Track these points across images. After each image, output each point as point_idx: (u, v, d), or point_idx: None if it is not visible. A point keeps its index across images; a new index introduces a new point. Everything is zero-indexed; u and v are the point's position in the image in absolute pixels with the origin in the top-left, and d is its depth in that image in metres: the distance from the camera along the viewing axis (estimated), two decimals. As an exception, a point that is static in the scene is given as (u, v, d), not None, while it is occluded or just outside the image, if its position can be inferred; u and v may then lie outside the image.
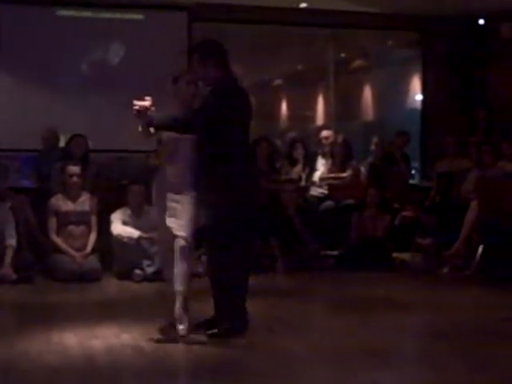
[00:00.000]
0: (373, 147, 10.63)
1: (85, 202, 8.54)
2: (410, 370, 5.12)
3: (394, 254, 9.26)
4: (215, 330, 5.45)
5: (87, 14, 11.04)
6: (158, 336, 5.45)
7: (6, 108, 10.65)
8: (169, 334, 5.43)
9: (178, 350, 5.34)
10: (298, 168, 10.06)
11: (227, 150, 5.44)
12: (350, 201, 9.63)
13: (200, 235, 5.63)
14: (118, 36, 11.24)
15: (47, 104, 10.60)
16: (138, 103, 5.39)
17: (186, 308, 5.46)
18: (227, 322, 5.44)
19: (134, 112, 5.40)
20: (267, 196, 8.88)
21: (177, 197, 5.47)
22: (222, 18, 11.03)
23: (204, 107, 5.49)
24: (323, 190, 9.89)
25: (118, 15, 11.17)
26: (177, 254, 5.47)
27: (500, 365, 5.05)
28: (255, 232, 6.02)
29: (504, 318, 6.34)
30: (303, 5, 11.22)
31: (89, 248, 8.38)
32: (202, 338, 5.39)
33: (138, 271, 8.14)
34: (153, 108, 5.41)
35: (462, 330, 6.06)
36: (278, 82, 14.47)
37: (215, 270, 5.60)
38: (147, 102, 5.40)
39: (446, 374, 4.84)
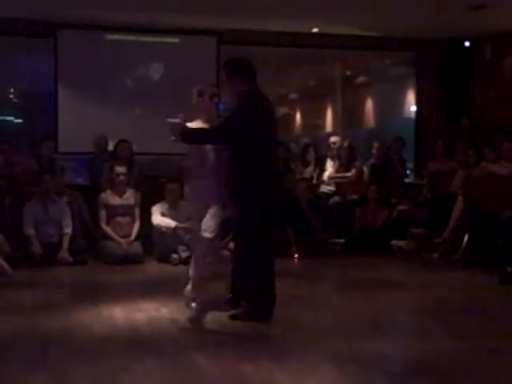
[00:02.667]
0: (374, 151, 10.59)
1: (130, 197, 8.57)
2: (403, 340, 5.13)
3: (392, 242, 9.21)
4: (236, 312, 5.36)
5: (132, 37, 11.06)
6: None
7: (64, 118, 10.73)
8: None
9: (206, 321, 5.34)
10: (310, 168, 10.06)
11: (254, 155, 5.26)
12: (354, 196, 9.60)
13: (229, 226, 5.57)
14: (157, 56, 11.27)
15: (98, 114, 10.63)
16: (171, 121, 5.31)
17: (198, 292, 5.37)
18: (249, 305, 5.31)
19: (169, 128, 5.32)
20: (284, 192, 8.86)
21: (206, 207, 5.35)
22: (246, 42, 11.01)
23: (235, 117, 5.33)
24: (331, 188, 9.88)
25: (157, 39, 11.17)
26: (197, 245, 5.48)
27: (479, 336, 5.06)
28: (276, 224, 5.83)
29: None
30: (315, 30, 11.20)
31: (133, 236, 8.40)
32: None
33: (174, 255, 8.15)
34: (186, 124, 5.33)
35: (450, 307, 6.07)
36: (293, 95, 14.48)
37: (243, 259, 5.44)
38: (179, 120, 5.33)
39: (433, 343, 4.85)
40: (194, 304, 5.36)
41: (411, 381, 4.14)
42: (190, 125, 5.45)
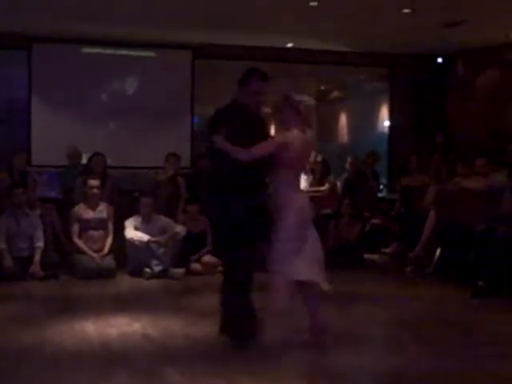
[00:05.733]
0: (347, 165, 10.64)
1: (103, 211, 8.52)
2: (375, 352, 5.12)
3: (365, 256, 9.24)
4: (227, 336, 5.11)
5: (108, 51, 11.05)
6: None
7: (37, 130, 10.67)
8: None
9: (179, 335, 5.32)
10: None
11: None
12: (328, 210, 9.62)
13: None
14: (133, 70, 11.27)
15: (73, 127, 10.61)
16: None
17: None
18: (236, 326, 5.06)
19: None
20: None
21: None
22: (220, 56, 11.04)
23: None
24: (305, 202, 9.87)
25: (133, 52, 11.19)
26: None
27: (451, 348, 5.07)
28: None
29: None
30: (289, 45, 11.26)
31: (106, 249, 8.34)
32: None
33: (147, 270, 8.11)
34: None
35: (423, 320, 6.08)
36: (266, 110, 14.47)
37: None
38: None
39: (406, 356, 4.87)
40: None
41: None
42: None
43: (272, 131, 5.38)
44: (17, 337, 5.28)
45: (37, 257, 8.00)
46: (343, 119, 14.25)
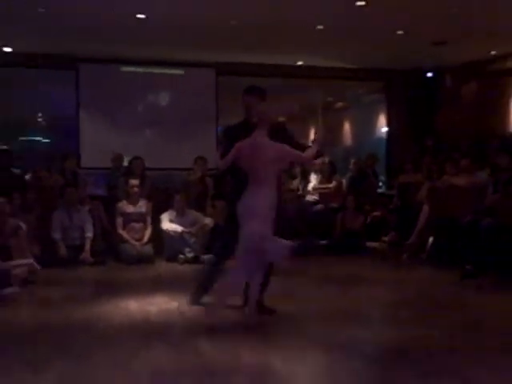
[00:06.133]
0: (351, 165, 10.61)
1: (142, 206, 8.52)
2: (376, 329, 5.08)
3: (367, 243, 9.20)
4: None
5: (143, 69, 11.07)
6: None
7: (85, 138, 10.72)
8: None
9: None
10: (297, 181, 10.03)
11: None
12: (335, 204, 9.58)
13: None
14: (164, 86, 11.28)
15: (115, 135, 10.67)
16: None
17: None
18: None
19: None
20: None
21: None
22: (241, 73, 11.03)
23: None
24: (315, 197, 9.84)
25: (164, 70, 11.20)
26: None
27: (444, 324, 5.02)
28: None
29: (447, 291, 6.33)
30: (300, 62, 11.24)
31: (145, 239, 8.34)
32: None
33: (181, 256, 8.11)
34: None
35: (417, 299, 6.03)
36: (281, 119, 14.45)
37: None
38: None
39: (404, 330, 4.82)
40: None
41: (386, 363, 4.11)
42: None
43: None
44: (71, 314, 5.30)
45: (87, 246, 8.01)
46: (347, 126, 14.25)
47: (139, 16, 8.01)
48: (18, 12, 7.80)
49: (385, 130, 12.56)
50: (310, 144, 5.50)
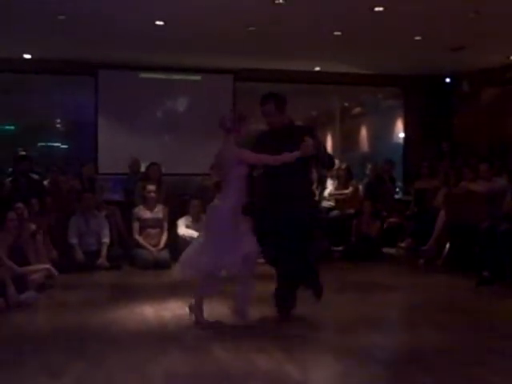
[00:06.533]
0: (368, 171, 10.58)
1: (159, 212, 8.55)
2: (394, 334, 5.07)
3: (384, 249, 9.16)
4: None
5: (161, 75, 11.13)
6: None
7: (103, 144, 10.78)
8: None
9: (225, 318, 5.30)
10: (313, 187, 9.99)
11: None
12: (351, 210, 9.54)
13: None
14: (182, 92, 11.33)
15: (133, 141, 10.69)
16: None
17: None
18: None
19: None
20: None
21: None
22: (258, 79, 11.05)
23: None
24: (331, 203, 9.81)
25: (182, 76, 11.25)
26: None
27: (461, 330, 5.01)
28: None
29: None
30: (317, 68, 11.23)
31: (161, 244, 8.36)
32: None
33: (197, 261, 8.12)
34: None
35: (434, 304, 6.00)
36: (298, 124, 14.43)
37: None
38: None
39: (421, 336, 4.81)
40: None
41: (401, 368, 4.09)
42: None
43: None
44: (86, 318, 5.34)
45: (103, 251, 8.05)
46: (364, 132, 14.20)
47: (158, 23, 8.06)
48: (38, 19, 7.88)
49: (402, 135, 12.50)
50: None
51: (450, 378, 3.82)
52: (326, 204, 9.78)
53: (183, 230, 8.35)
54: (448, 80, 11.68)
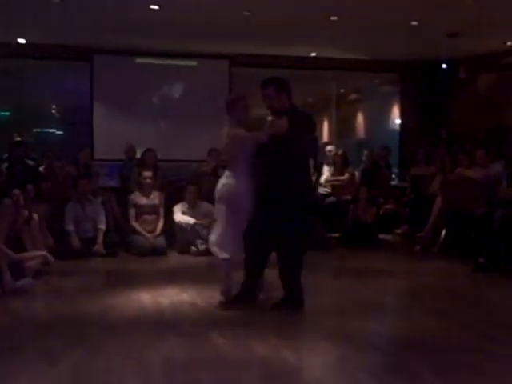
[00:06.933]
0: (364, 157, 10.58)
1: (155, 198, 8.53)
2: (388, 320, 5.09)
3: (380, 236, 9.17)
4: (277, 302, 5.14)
5: (156, 61, 11.07)
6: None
7: (98, 130, 10.74)
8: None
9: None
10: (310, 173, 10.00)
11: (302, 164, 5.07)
12: (347, 197, 9.55)
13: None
14: (178, 77, 11.28)
15: (128, 127, 10.65)
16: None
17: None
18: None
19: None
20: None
21: None
22: (254, 64, 11.00)
23: (305, 129, 5.01)
24: (327, 189, 9.82)
25: (178, 62, 11.20)
26: None
27: (457, 315, 5.03)
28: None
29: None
30: (313, 54, 11.19)
31: (158, 231, 8.35)
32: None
33: (193, 248, 8.13)
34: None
35: (430, 290, 6.03)
36: (299, 109, 14.38)
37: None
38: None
39: (417, 322, 4.83)
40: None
41: (398, 354, 4.11)
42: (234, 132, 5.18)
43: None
44: (83, 305, 5.34)
45: (100, 237, 8.04)
46: (360, 118, 14.18)
47: (153, 7, 8.00)
48: (32, 3, 7.82)
49: (398, 121, 12.49)
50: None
51: (447, 364, 3.83)
52: (322, 190, 9.79)
53: (179, 216, 8.34)
54: (444, 66, 11.64)
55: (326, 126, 14.00)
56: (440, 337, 4.40)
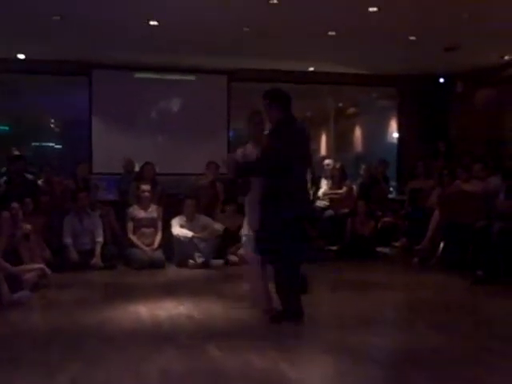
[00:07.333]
0: (362, 171, 10.59)
1: (153, 211, 8.54)
2: (389, 333, 5.06)
3: (378, 249, 9.16)
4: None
5: (155, 76, 11.10)
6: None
7: (97, 144, 10.75)
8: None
9: (219, 317, 5.32)
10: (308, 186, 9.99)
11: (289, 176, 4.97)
12: (345, 210, 9.55)
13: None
14: (176, 92, 11.30)
15: (127, 141, 10.67)
16: (231, 157, 5.12)
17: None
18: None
19: (227, 165, 5.12)
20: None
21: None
22: (253, 79, 11.03)
23: (269, 149, 4.99)
24: (325, 202, 9.82)
25: (176, 77, 11.22)
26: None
27: (456, 328, 5.01)
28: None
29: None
30: (311, 68, 11.23)
31: (156, 244, 8.35)
32: None
33: (191, 261, 8.12)
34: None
35: (428, 303, 6.01)
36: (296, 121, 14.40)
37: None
38: (239, 153, 5.18)
39: (416, 335, 4.81)
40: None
41: (398, 367, 4.09)
42: (240, 150, 5.26)
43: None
44: (81, 317, 5.32)
45: (97, 250, 8.03)
46: (358, 132, 14.22)
47: (152, 23, 8.05)
48: (32, 19, 7.86)
49: (396, 135, 12.52)
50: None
51: (447, 378, 3.81)
52: (320, 203, 9.78)
53: (177, 229, 8.33)
54: (442, 80, 11.70)
55: (324, 139, 14.04)
56: (440, 350, 4.37)
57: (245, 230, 5.38)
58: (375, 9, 7.45)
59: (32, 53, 9.90)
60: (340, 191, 9.84)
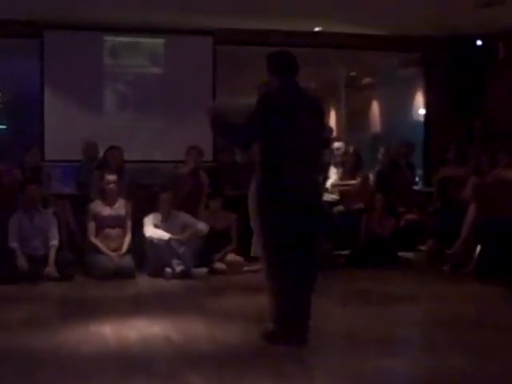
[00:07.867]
0: (380, 156, 10.59)
1: (121, 207, 8.55)
2: (412, 356, 5.11)
3: (400, 253, 9.20)
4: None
5: (123, 38, 11.07)
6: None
7: (50, 124, 10.73)
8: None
9: (203, 339, 5.35)
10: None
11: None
12: (360, 205, 9.59)
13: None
14: (151, 58, 11.27)
15: (88, 119, 10.65)
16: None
17: None
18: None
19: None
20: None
21: None
22: (243, 41, 11.03)
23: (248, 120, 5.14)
24: (335, 196, 9.86)
25: (151, 39, 11.19)
26: None
27: (493, 351, 5.05)
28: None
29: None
30: (317, 29, 11.23)
31: (124, 248, 8.35)
32: None
33: (168, 269, 8.13)
34: None
35: (461, 321, 6.05)
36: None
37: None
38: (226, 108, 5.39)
39: (444, 359, 4.83)
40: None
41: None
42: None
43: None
44: (30, 340, 5.33)
45: (51, 256, 8.01)
46: (375, 107, 14.23)
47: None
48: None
49: (422, 111, 12.54)
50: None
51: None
52: (328, 197, 9.80)
53: (151, 230, 8.34)
54: (480, 43, 11.71)
55: (332, 117, 14.06)
56: (474, 378, 4.42)
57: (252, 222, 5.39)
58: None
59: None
60: (353, 182, 9.88)
